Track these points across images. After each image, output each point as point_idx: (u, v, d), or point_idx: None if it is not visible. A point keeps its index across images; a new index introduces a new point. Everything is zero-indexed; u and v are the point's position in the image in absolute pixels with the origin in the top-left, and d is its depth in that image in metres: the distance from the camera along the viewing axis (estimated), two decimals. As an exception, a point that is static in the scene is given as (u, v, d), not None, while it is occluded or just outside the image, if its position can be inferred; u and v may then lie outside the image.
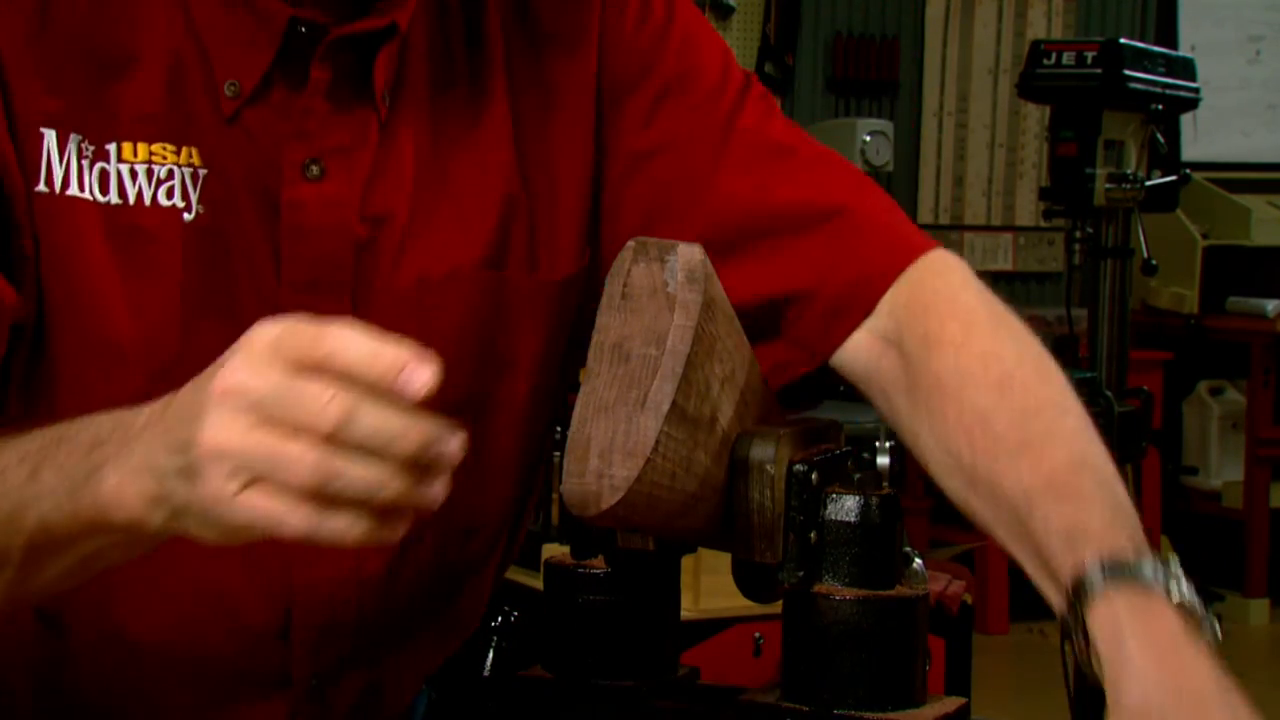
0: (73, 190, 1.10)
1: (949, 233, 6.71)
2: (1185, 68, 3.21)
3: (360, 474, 0.85)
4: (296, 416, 0.85)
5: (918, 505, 6.12)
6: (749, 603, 1.10)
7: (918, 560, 1.10)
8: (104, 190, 1.11)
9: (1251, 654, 5.96)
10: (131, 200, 1.10)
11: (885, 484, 1.11)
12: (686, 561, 1.21)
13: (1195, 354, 6.40)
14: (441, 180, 1.17)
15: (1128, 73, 3.01)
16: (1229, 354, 6.40)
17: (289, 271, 1.12)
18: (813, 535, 1.07)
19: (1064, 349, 3.12)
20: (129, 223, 1.11)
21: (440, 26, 1.18)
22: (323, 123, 1.12)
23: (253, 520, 0.86)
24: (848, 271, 1.21)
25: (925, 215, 6.67)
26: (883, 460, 1.13)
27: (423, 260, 1.16)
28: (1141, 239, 3.10)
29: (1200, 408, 6.58)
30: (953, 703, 1.10)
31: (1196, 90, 3.24)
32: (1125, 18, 6.93)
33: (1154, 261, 3.06)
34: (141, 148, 1.10)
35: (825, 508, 1.08)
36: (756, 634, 2.92)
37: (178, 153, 1.10)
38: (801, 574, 1.07)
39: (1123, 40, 3.08)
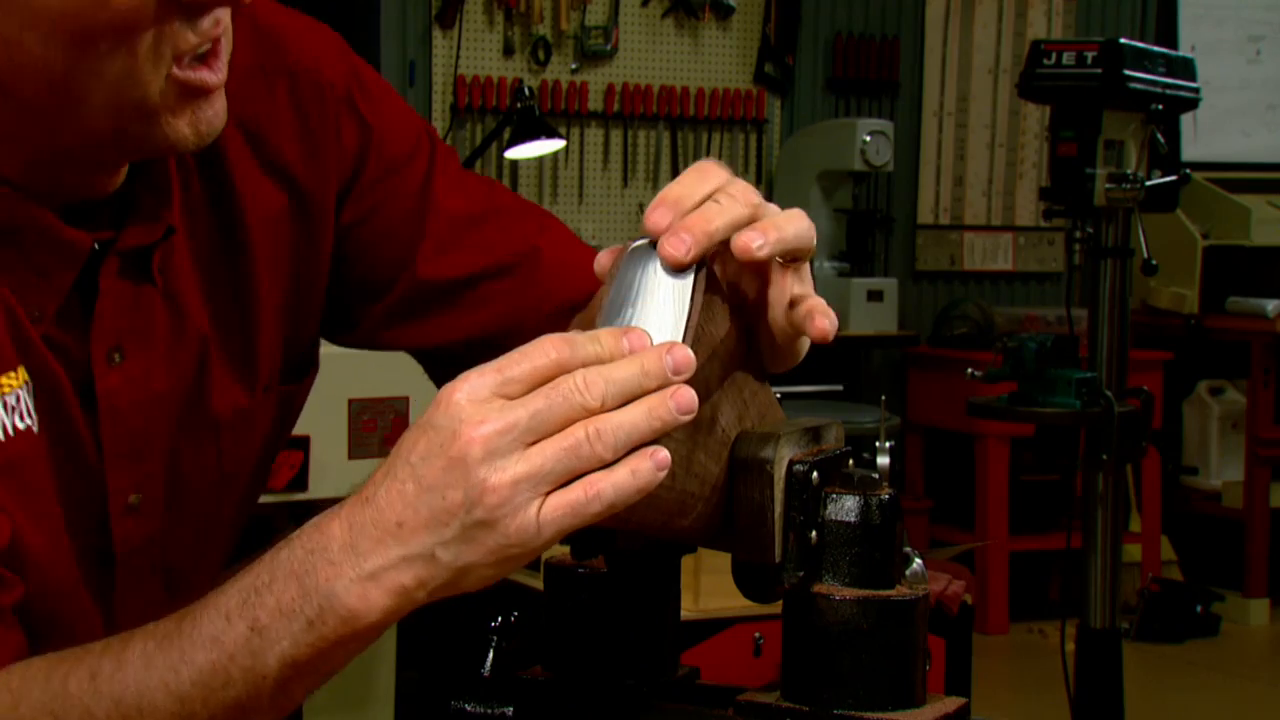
0: None
1: (949, 233, 6.71)
2: (1185, 68, 3.21)
3: (633, 416, 0.96)
4: (566, 414, 0.95)
5: (918, 505, 6.13)
6: (749, 603, 1.10)
7: (918, 560, 1.10)
8: None
9: (1252, 654, 5.96)
10: (0, 437, 1.15)
11: (885, 484, 1.11)
12: (686, 561, 1.21)
13: (1195, 354, 6.41)
14: (215, 325, 1.28)
15: (1128, 73, 3.01)
16: (1229, 354, 6.40)
17: (110, 446, 1.21)
18: (813, 535, 1.07)
19: (1064, 349, 3.13)
20: (5, 459, 1.15)
21: (181, 186, 1.25)
22: (115, 316, 1.20)
23: (562, 526, 0.96)
24: (547, 305, 1.37)
25: (925, 215, 6.67)
26: (883, 460, 1.13)
27: (216, 403, 1.28)
28: (1141, 239, 3.11)
29: (1200, 408, 6.59)
30: (953, 703, 1.10)
31: (1196, 90, 3.24)
32: (1125, 18, 6.93)
33: (1154, 261, 3.06)
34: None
35: (825, 508, 1.08)
36: (756, 634, 2.92)
37: (16, 376, 1.15)
38: (801, 574, 1.07)
39: (1123, 40, 3.08)
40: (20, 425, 1.15)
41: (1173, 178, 3.15)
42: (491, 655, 1.17)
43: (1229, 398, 6.54)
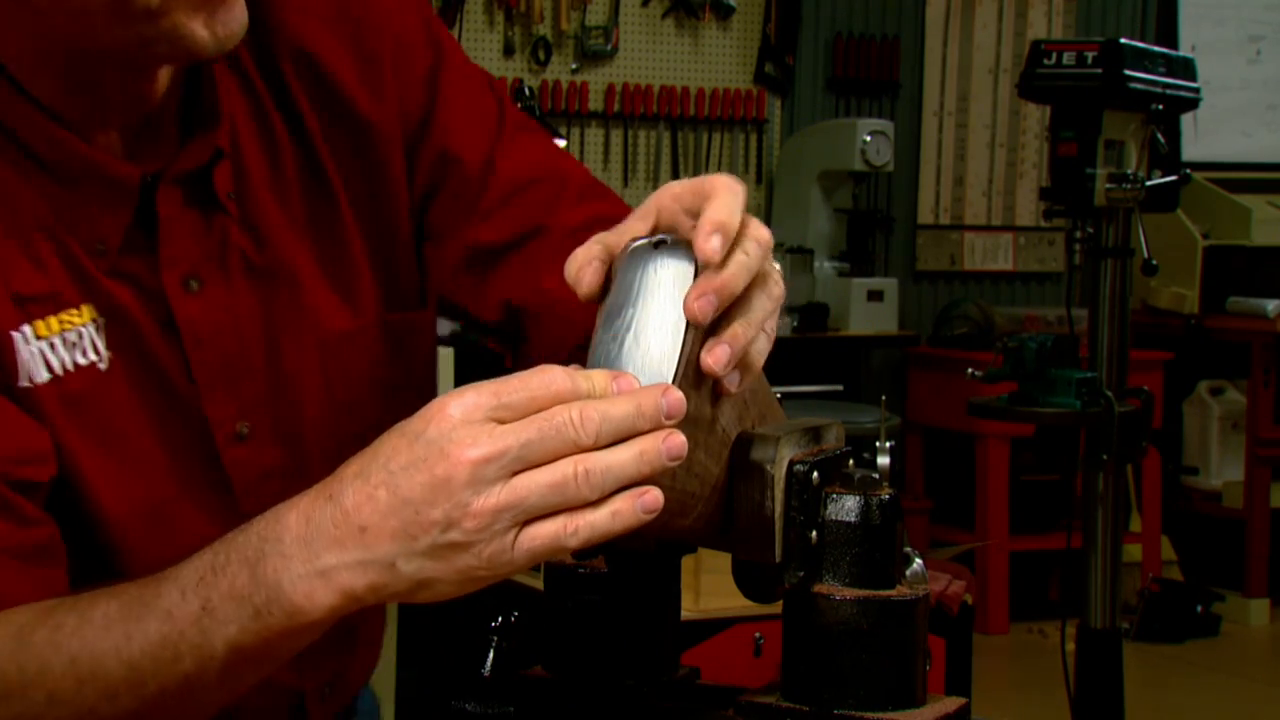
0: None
1: (949, 233, 6.71)
2: (1185, 68, 3.21)
3: (623, 458, 0.95)
4: (557, 448, 0.95)
5: (918, 505, 6.12)
6: (749, 603, 1.10)
7: (918, 560, 1.10)
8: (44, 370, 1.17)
9: (1252, 654, 5.96)
10: (60, 372, 1.16)
11: (885, 484, 1.11)
12: (686, 561, 1.21)
13: (1195, 354, 6.41)
14: (305, 252, 1.29)
15: (1128, 73, 3.01)
16: (1229, 354, 6.40)
17: (201, 374, 1.22)
18: (813, 535, 1.07)
19: (1064, 349, 3.13)
20: (62, 393, 1.16)
21: (259, 124, 1.28)
22: (182, 244, 1.22)
23: (535, 557, 0.96)
24: None
25: (925, 215, 6.67)
26: (883, 460, 1.13)
27: (316, 327, 1.29)
28: (1142, 239, 3.10)
29: (1200, 408, 6.58)
30: (953, 703, 1.10)
31: (1196, 90, 3.24)
32: (1125, 18, 6.93)
33: (1154, 261, 3.06)
34: (52, 322, 1.17)
35: (825, 508, 1.08)
36: (756, 634, 2.92)
37: (80, 313, 1.17)
38: (801, 574, 1.07)
39: (1123, 40, 3.08)
40: (82, 361, 1.17)
41: (1173, 178, 3.15)
42: (491, 655, 1.17)
43: (1229, 398, 6.54)
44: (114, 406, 1.19)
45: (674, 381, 1.01)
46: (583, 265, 1.06)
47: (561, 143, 5.00)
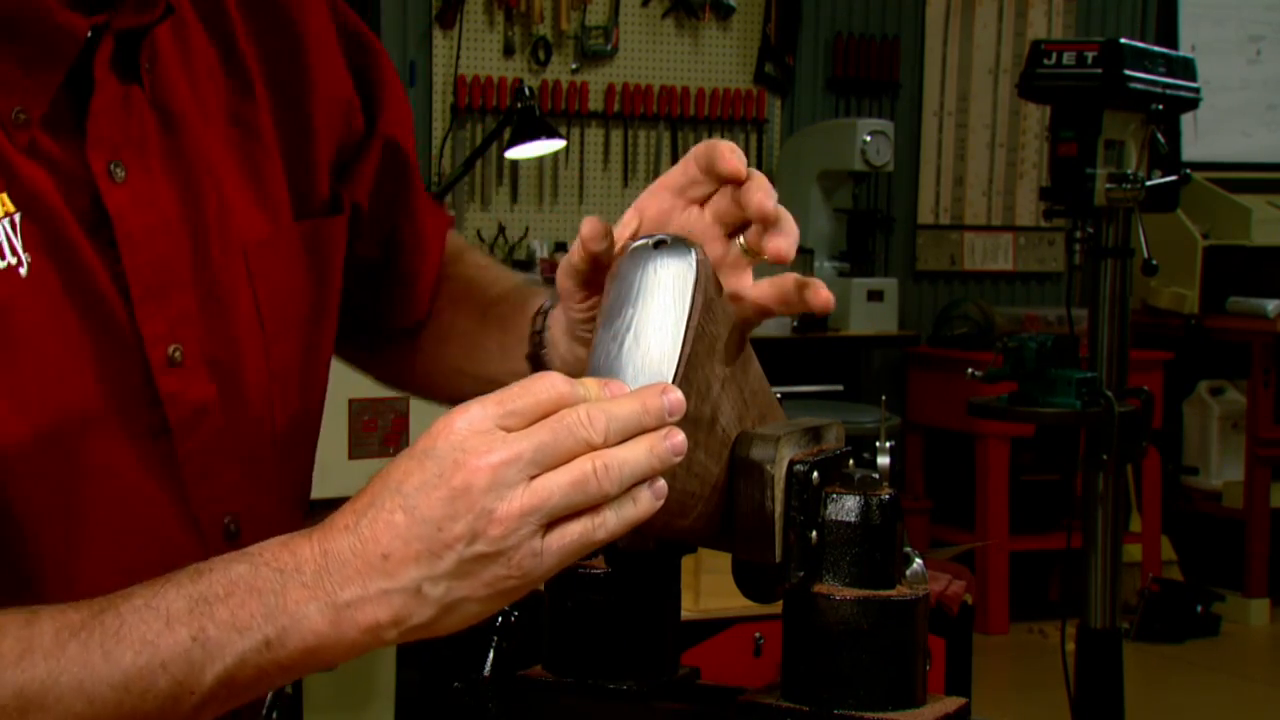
0: None
1: (949, 233, 6.71)
2: (1185, 68, 3.21)
3: (636, 453, 0.95)
4: (571, 448, 0.93)
5: (918, 505, 6.12)
6: (749, 603, 1.10)
7: (918, 560, 1.10)
8: None
9: (1252, 654, 5.96)
10: None
11: (885, 484, 1.11)
12: (686, 561, 1.21)
13: (1195, 354, 6.41)
14: (220, 146, 1.17)
15: (1128, 73, 3.01)
16: (1229, 354, 6.40)
17: (135, 280, 1.08)
18: (813, 535, 1.07)
19: (1064, 349, 3.13)
20: None
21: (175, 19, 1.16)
22: (109, 121, 1.07)
23: (565, 557, 0.94)
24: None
25: (925, 215, 6.67)
26: (883, 460, 1.13)
27: (241, 231, 1.17)
28: (1142, 239, 3.10)
29: (1200, 408, 6.58)
30: (953, 703, 1.10)
31: (1196, 90, 3.24)
32: (1125, 18, 6.93)
33: (1154, 261, 3.06)
34: None
35: (825, 508, 1.08)
36: (756, 634, 2.92)
37: None
38: (801, 574, 1.07)
39: (1123, 40, 3.08)
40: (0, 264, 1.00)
41: (1173, 178, 3.15)
42: (491, 655, 1.17)
43: (1229, 398, 6.54)
44: (31, 323, 1.01)
45: (674, 381, 1.01)
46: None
47: (561, 143, 5.00)
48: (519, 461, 0.93)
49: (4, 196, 1.00)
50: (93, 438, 1.06)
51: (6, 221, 1.00)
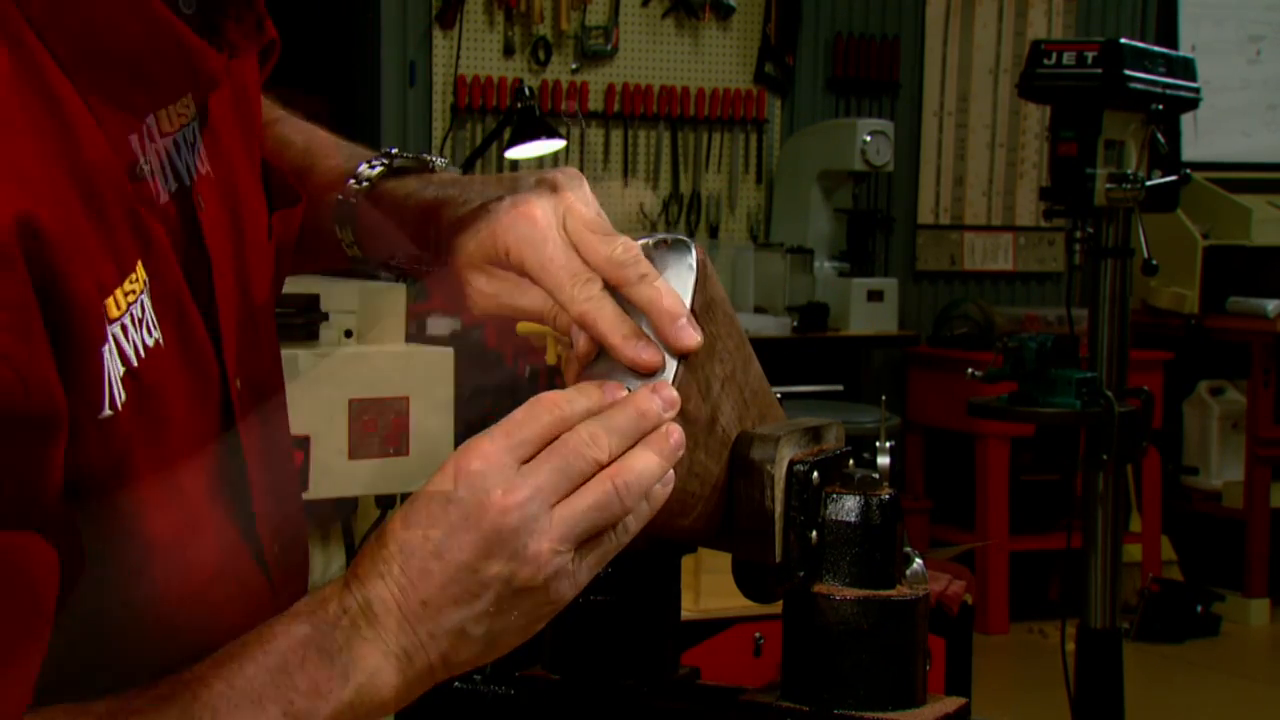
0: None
1: (949, 233, 6.71)
2: (1185, 68, 3.21)
3: (648, 463, 0.98)
4: (583, 470, 0.96)
5: (918, 505, 6.12)
6: (749, 603, 1.10)
7: (918, 560, 1.10)
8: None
9: (1252, 654, 5.96)
10: (135, 363, 0.90)
11: (885, 484, 1.11)
12: (686, 561, 1.21)
13: (1195, 354, 6.41)
14: (241, 156, 1.12)
15: (1128, 73, 3.01)
16: (1229, 354, 6.40)
17: (226, 328, 1.03)
18: (813, 535, 1.07)
19: (1064, 349, 3.13)
20: (138, 395, 0.91)
21: None
22: (212, 156, 1.05)
23: (595, 572, 0.98)
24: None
25: (925, 215, 6.67)
26: (883, 460, 1.13)
27: (265, 252, 1.13)
28: (1142, 239, 3.10)
29: (1200, 408, 6.58)
30: (953, 703, 1.10)
31: (1196, 90, 3.24)
32: (1125, 18, 6.93)
33: (1154, 261, 3.06)
34: (119, 296, 0.89)
35: (825, 508, 1.08)
36: (756, 634, 2.92)
37: (137, 275, 0.91)
38: (801, 574, 1.07)
39: (1123, 40, 3.08)
40: (149, 341, 0.91)
41: (1173, 178, 3.15)
42: (491, 655, 1.17)
43: (1229, 398, 6.54)
44: (170, 397, 0.94)
45: (674, 381, 1.01)
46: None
47: (561, 143, 5.01)
48: (540, 495, 0.95)
49: (141, 268, 0.91)
50: (202, 500, 1.00)
51: (145, 294, 0.91)
